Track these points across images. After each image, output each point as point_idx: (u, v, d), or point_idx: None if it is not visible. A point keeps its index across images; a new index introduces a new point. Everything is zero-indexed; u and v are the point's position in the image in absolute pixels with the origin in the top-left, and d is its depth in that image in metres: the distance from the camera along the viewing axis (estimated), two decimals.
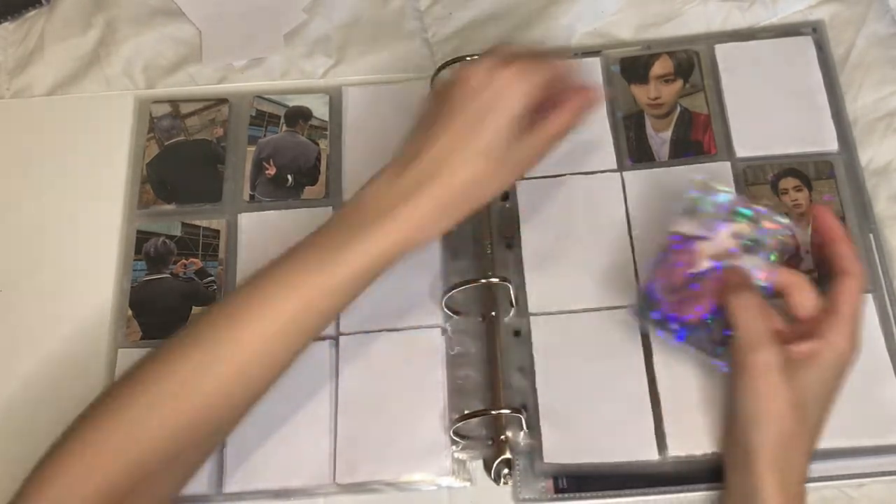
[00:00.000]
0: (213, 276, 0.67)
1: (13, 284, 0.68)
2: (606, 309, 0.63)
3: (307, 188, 0.70)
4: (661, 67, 0.70)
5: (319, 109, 0.73)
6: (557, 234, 0.65)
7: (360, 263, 0.52)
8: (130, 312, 0.66)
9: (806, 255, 0.62)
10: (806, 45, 0.70)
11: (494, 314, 0.63)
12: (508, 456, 0.59)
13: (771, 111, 0.68)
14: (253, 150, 0.71)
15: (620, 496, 0.58)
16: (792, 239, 0.58)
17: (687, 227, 0.57)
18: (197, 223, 0.69)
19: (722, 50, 0.70)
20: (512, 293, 0.63)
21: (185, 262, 0.68)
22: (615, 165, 0.67)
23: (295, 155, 0.71)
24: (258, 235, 0.68)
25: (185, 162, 0.71)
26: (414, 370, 0.62)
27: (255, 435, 0.61)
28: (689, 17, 0.73)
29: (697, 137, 0.68)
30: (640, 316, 0.58)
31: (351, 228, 0.53)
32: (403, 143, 0.56)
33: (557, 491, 0.59)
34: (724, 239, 0.57)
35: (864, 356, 0.55)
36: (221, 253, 0.68)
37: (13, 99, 0.75)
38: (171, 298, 0.66)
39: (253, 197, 0.70)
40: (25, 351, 0.66)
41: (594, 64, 0.71)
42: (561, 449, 0.59)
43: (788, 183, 0.65)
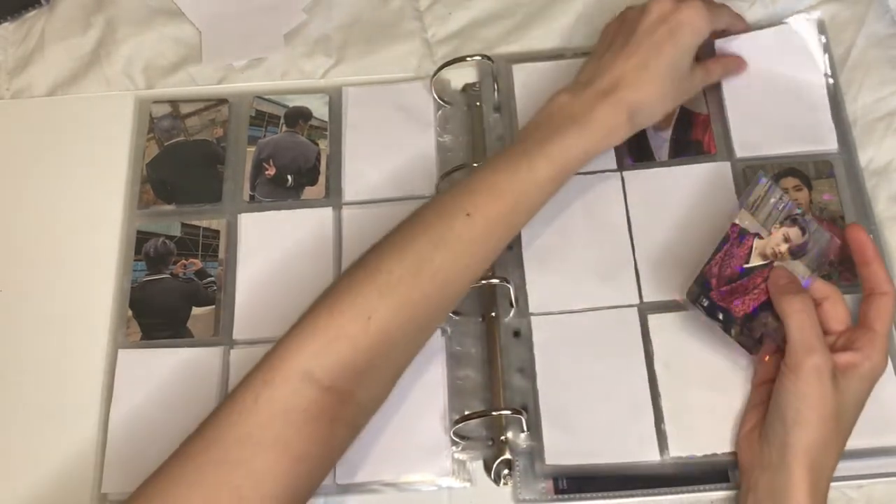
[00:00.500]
0: (212, 276, 0.67)
1: (13, 284, 0.68)
2: (607, 308, 0.63)
3: (307, 188, 0.70)
4: None
5: (319, 110, 0.73)
6: (558, 233, 0.65)
7: (559, 161, 0.57)
8: (130, 312, 0.66)
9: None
10: (810, 32, 0.69)
11: (494, 314, 0.63)
12: (509, 457, 0.59)
13: (771, 109, 0.67)
14: (253, 150, 0.71)
15: (621, 497, 0.58)
16: (831, 251, 0.60)
17: (748, 221, 0.59)
18: (197, 223, 0.69)
19: (720, 45, 0.69)
20: (512, 293, 0.63)
21: (184, 262, 0.68)
22: (615, 165, 0.67)
23: (295, 155, 0.71)
24: (258, 236, 0.68)
25: (185, 162, 0.71)
26: (414, 370, 0.62)
27: None
28: None
29: (697, 137, 0.68)
30: (692, 301, 0.59)
31: (546, 133, 0.58)
32: (583, 67, 0.63)
33: (558, 492, 0.59)
34: (776, 240, 0.59)
35: None
36: (221, 253, 0.68)
37: (13, 99, 0.75)
38: (171, 299, 0.66)
39: (253, 197, 0.70)
40: (25, 351, 0.66)
41: None
42: (561, 450, 0.59)
43: (788, 182, 0.65)
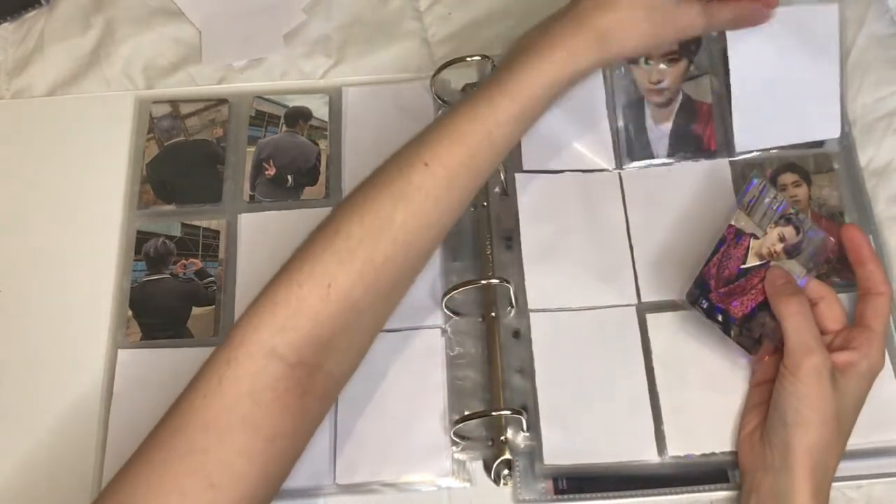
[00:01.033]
0: (212, 276, 0.67)
1: (13, 284, 0.68)
2: (606, 308, 0.63)
3: (307, 188, 0.70)
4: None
5: (319, 110, 0.73)
6: (557, 230, 0.65)
7: (521, 96, 0.54)
8: (130, 313, 0.66)
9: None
10: (828, 16, 0.65)
11: (494, 315, 0.63)
12: (508, 457, 0.59)
13: (778, 99, 0.65)
14: (253, 150, 0.71)
15: (621, 497, 0.58)
16: (826, 249, 0.60)
17: (744, 222, 0.59)
18: (197, 223, 0.69)
19: (733, 35, 0.64)
20: (512, 294, 0.63)
21: (184, 262, 0.68)
22: (613, 163, 0.67)
23: (295, 155, 0.71)
24: (258, 236, 0.68)
25: (185, 162, 0.71)
26: (414, 371, 0.62)
27: None
28: None
29: (698, 131, 0.67)
30: (691, 303, 0.59)
31: (507, 69, 0.55)
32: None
33: (557, 492, 0.59)
34: (772, 240, 0.59)
35: None
36: (221, 253, 0.68)
37: (13, 99, 0.75)
38: (170, 299, 0.66)
39: (253, 197, 0.70)
40: (25, 351, 0.66)
41: None
42: (560, 450, 0.59)
43: (787, 178, 0.65)
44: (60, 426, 0.63)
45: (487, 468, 0.60)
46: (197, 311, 0.66)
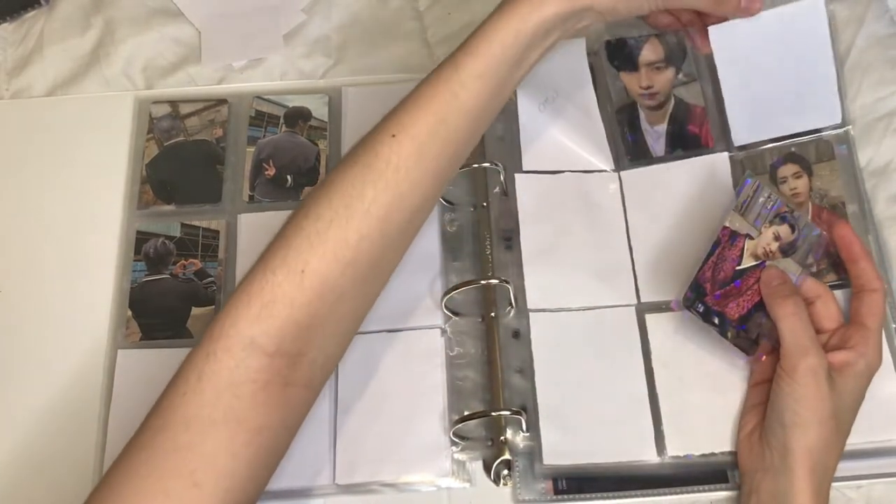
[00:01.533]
0: (212, 276, 0.67)
1: (13, 284, 0.68)
2: (605, 308, 0.63)
3: (307, 189, 0.70)
4: (650, 52, 0.68)
5: (319, 110, 0.73)
6: (556, 230, 0.65)
7: (484, 53, 0.52)
8: (130, 313, 0.66)
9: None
10: (816, 14, 0.62)
11: (494, 315, 0.63)
12: (508, 457, 0.59)
13: (771, 92, 0.64)
14: (252, 150, 0.71)
15: (620, 497, 0.58)
16: (821, 246, 0.60)
17: (738, 223, 0.59)
18: (196, 224, 0.69)
19: (714, 30, 0.60)
20: (511, 294, 0.63)
21: (184, 262, 0.68)
22: (612, 163, 0.67)
23: (294, 155, 0.71)
24: (258, 236, 0.68)
25: (184, 162, 0.71)
26: (414, 371, 0.62)
27: None
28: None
29: (694, 131, 0.67)
30: (687, 307, 0.59)
31: (486, 21, 0.53)
32: None
33: (557, 492, 0.59)
34: (767, 239, 0.59)
35: None
36: (221, 254, 0.68)
37: (13, 99, 0.75)
38: (170, 299, 0.66)
39: (252, 197, 0.70)
40: (25, 351, 0.66)
41: (579, 49, 0.68)
42: (560, 450, 0.59)
43: (788, 170, 0.65)
44: (60, 426, 0.63)
45: (487, 468, 0.60)
46: (197, 311, 0.66)
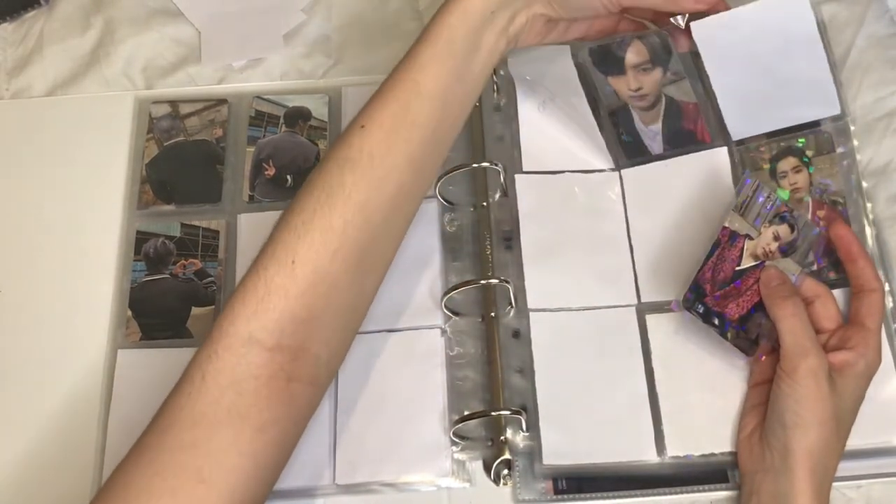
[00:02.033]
0: (212, 276, 0.67)
1: (13, 284, 0.68)
2: (605, 308, 0.63)
3: None
4: (635, 55, 0.66)
5: (319, 110, 0.73)
6: (556, 230, 0.65)
7: (447, 24, 0.53)
8: (130, 313, 0.66)
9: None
10: (798, 5, 0.60)
11: (494, 315, 0.63)
12: (508, 457, 0.59)
13: (760, 81, 0.63)
14: (252, 150, 0.71)
15: (620, 497, 0.58)
16: (820, 245, 0.61)
17: (738, 223, 0.59)
18: (196, 224, 0.69)
19: (696, 25, 0.60)
20: (511, 294, 0.63)
21: (184, 262, 0.68)
22: (612, 163, 0.67)
23: (294, 155, 0.71)
24: (258, 236, 0.67)
25: (184, 162, 0.71)
26: (414, 371, 0.62)
27: None
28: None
29: (689, 127, 0.66)
30: (687, 308, 0.59)
31: (437, 10, 0.54)
32: None
33: (557, 492, 0.59)
34: (766, 239, 0.59)
35: None
36: (221, 253, 0.68)
37: (13, 99, 0.75)
38: (170, 299, 0.66)
39: (252, 197, 0.70)
40: (25, 351, 0.66)
41: (563, 53, 0.67)
42: (560, 450, 0.59)
43: (787, 164, 0.65)
44: (60, 426, 0.63)
45: (487, 468, 0.60)
46: (197, 311, 0.66)
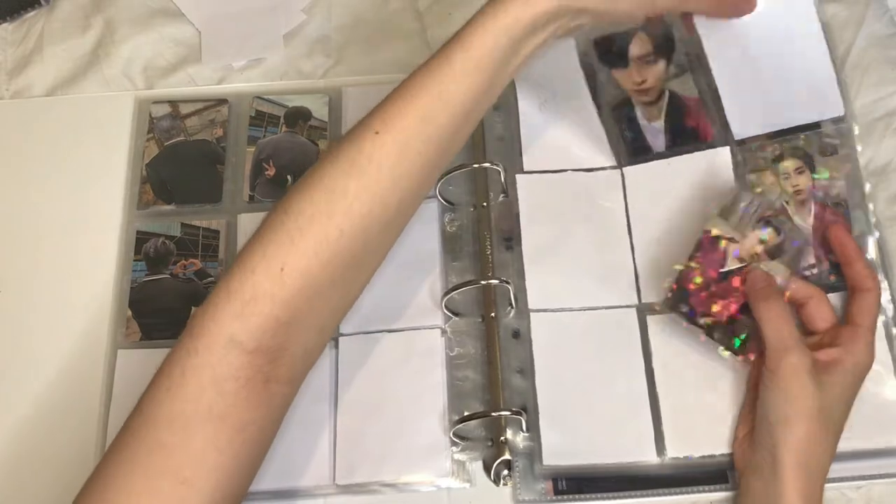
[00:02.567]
0: (212, 276, 0.67)
1: (13, 284, 0.68)
2: (606, 309, 0.63)
3: None
4: (639, 47, 0.67)
5: (319, 110, 0.73)
6: (557, 230, 0.65)
7: (489, 38, 0.51)
8: (130, 313, 0.66)
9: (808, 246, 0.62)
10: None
11: (494, 315, 0.63)
12: (508, 457, 0.59)
13: (764, 80, 0.63)
14: (253, 150, 0.71)
15: (620, 498, 0.58)
16: (808, 248, 0.61)
17: (721, 226, 0.59)
18: (196, 224, 0.69)
19: (703, 24, 0.61)
20: (511, 294, 0.63)
21: (184, 262, 0.68)
22: (614, 161, 0.67)
23: (294, 155, 0.71)
24: None
25: (184, 162, 0.71)
26: (413, 371, 0.62)
27: None
28: None
29: (692, 124, 0.66)
30: (671, 308, 0.59)
31: (477, 15, 0.52)
32: None
33: (557, 492, 0.59)
34: (751, 242, 0.59)
35: None
36: (221, 253, 0.68)
37: (13, 99, 0.75)
38: (170, 299, 0.66)
39: (252, 197, 0.70)
40: (25, 351, 0.66)
41: (570, 49, 0.68)
42: (559, 450, 0.59)
43: (789, 165, 0.64)
44: (60, 426, 0.63)
45: (487, 469, 0.60)
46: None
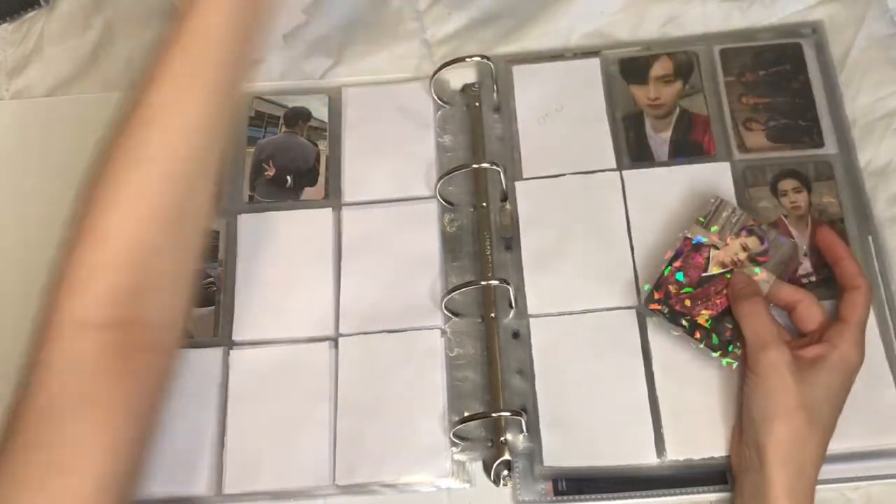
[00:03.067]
0: (212, 276, 0.67)
1: (13, 285, 0.68)
2: (606, 310, 0.63)
3: (306, 189, 0.70)
4: (660, 68, 0.70)
5: (319, 110, 0.72)
6: (557, 234, 0.65)
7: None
8: None
9: (804, 258, 0.63)
10: (805, 48, 0.69)
11: (494, 316, 0.63)
12: (508, 458, 0.59)
13: (769, 112, 0.67)
14: (252, 151, 0.71)
15: (620, 499, 0.58)
16: (796, 256, 0.61)
17: (701, 233, 0.60)
18: None
19: (723, 52, 0.69)
20: (511, 295, 0.63)
21: None
22: (614, 165, 0.67)
23: (294, 156, 0.71)
24: (257, 236, 0.68)
25: None
26: (413, 372, 0.62)
27: (254, 436, 0.61)
28: (688, 17, 0.73)
29: (697, 139, 0.68)
30: (652, 309, 0.59)
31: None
32: None
33: (557, 493, 0.59)
34: (735, 249, 0.59)
35: None
36: (221, 254, 0.68)
37: (13, 100, 0.75)
38: None
39: (252, 198, 0.70)
40: (25, 352, 0.66)
41: (594, 65, 0.71)
42: (560, 452, 0.59)
43: (788, 184, 0.66)
44: None
45: (487, 469, 0.60)
46: (197, 311, 0.66)
